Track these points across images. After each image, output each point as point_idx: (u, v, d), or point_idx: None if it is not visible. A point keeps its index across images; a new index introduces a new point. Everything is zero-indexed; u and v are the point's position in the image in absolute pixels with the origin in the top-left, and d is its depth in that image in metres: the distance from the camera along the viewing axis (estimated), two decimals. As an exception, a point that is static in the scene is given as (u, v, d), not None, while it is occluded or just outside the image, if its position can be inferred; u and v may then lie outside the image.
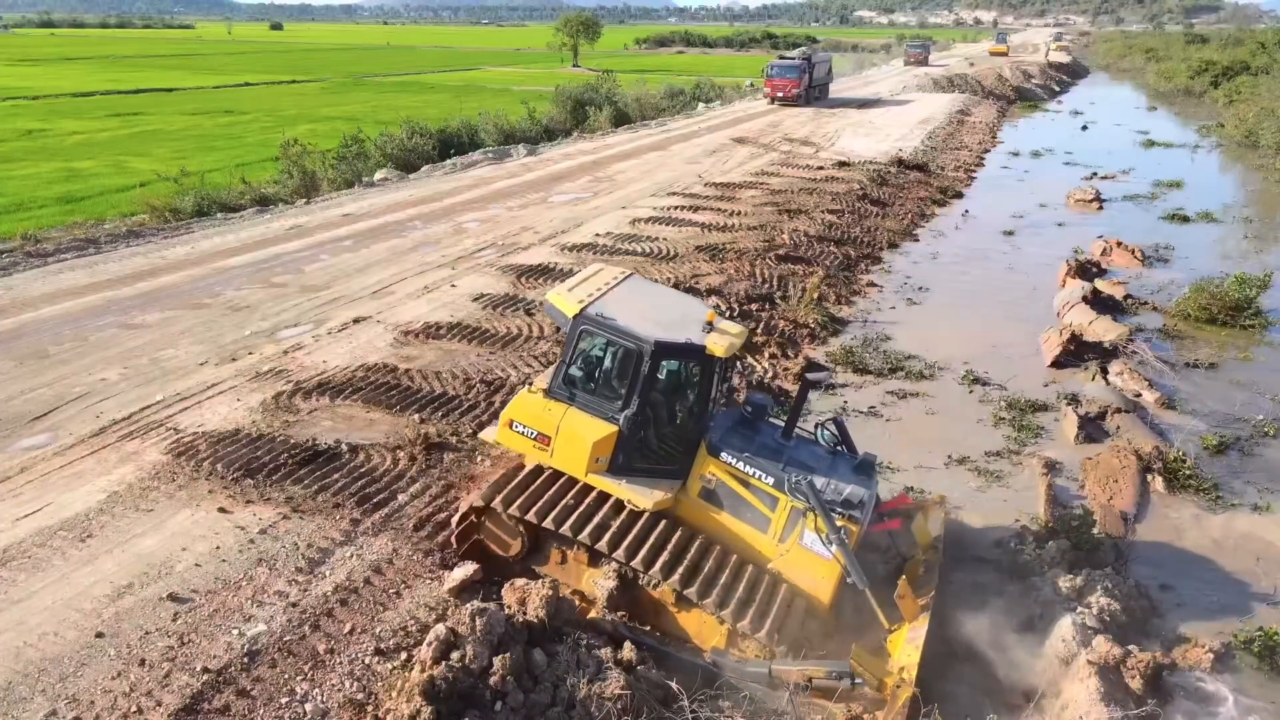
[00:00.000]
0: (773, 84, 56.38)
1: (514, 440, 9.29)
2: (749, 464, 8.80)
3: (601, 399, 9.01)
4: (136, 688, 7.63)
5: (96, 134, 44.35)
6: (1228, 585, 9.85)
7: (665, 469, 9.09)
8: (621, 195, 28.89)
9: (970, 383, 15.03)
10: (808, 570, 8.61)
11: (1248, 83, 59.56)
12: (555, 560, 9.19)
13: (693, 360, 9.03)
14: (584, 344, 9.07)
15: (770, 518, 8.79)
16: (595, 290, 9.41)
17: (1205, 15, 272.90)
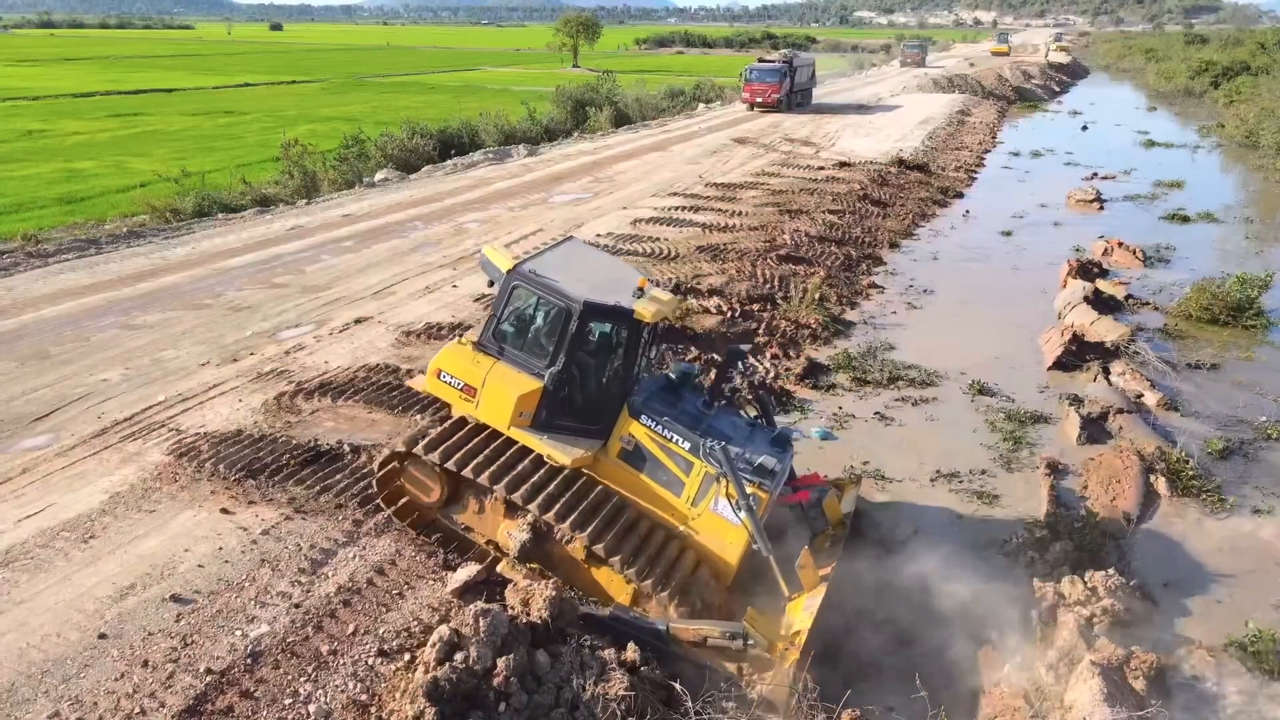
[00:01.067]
0: (751, 89, 53.18)
1: (441, 389, 9.42)
2: (668, 428, 9.02)
3: (529, 355, 9.19)
4: (139, 689, 7.63)
5: (97, 134, 44.35)
6: (1230, 586, 9.85)
7: (587, 429, 9.24)
8: (622, 196, 28.89)
9: (975, 392, 14.69)
10: (717, 535, 8.95)
11: (1248, 83, 59.55)
12: (472, 509, 9.44)
13: (620, 324, 9.19)
14: (515, 300, 9.24)
15: (685, 482, 9.04)
16: (532, 248, 9.70)
17: (1205, 15, 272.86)
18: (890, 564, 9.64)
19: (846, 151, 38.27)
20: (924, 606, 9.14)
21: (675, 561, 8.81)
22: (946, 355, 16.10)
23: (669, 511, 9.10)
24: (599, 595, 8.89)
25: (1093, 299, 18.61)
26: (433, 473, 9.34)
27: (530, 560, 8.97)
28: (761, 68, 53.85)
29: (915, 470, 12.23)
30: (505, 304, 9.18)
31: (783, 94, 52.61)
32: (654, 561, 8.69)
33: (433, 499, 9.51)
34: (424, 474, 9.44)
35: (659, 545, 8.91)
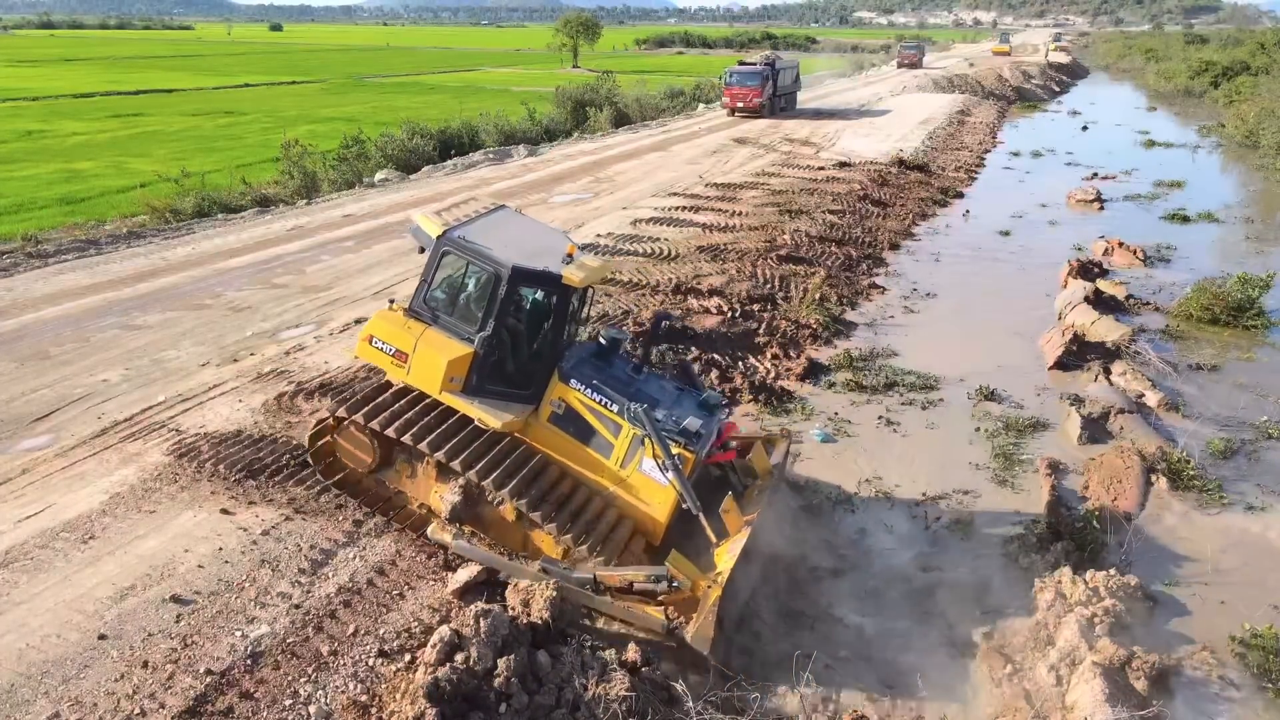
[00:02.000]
0: (731, 93, 50.24)
1: (373, 355, 9.55)
2: (596, 392, 9.27)
3: (459, 320, 9.36)
4: (139, 690, 7.61)
5: (97, 135, 44.34)
6: (1232, 586, 9.83)
7: (518, 393, 9.46)
8: (622, 196, 28.88)
9: (981, 398, 14.39)
10: (645, 495, 9.24)
11: (1248, 83, 59.54)
12: (404, 474, 9.71)
13: (549, 289, 9.35)
14: (446, 266, 9.40)
15: (613, 444, 9.30)
16: (463, 216, 9.80)
17: (1204, 15, 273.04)
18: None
19: (846, 152, 38.26)
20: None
21: (603, 520, 9.16)
22: (946, 358, 16.04)
23: (599, 472, 9.38)
24: (513, 546, 9.31)
25: (1093, 299, 18.59)
26: (365, 437, 9.56)
27: (461, 522, 9.29)
28: (742, 70, 50.92)
29: (906, 484, 12.19)
30: (435, 270, 9.34)
31: (765, 98, 50.01)
32: (581, 520, 9.02)
33: (365, 464, 9.75)
34: (355, 441, 9.67)
35: (587, 505, 9.23)
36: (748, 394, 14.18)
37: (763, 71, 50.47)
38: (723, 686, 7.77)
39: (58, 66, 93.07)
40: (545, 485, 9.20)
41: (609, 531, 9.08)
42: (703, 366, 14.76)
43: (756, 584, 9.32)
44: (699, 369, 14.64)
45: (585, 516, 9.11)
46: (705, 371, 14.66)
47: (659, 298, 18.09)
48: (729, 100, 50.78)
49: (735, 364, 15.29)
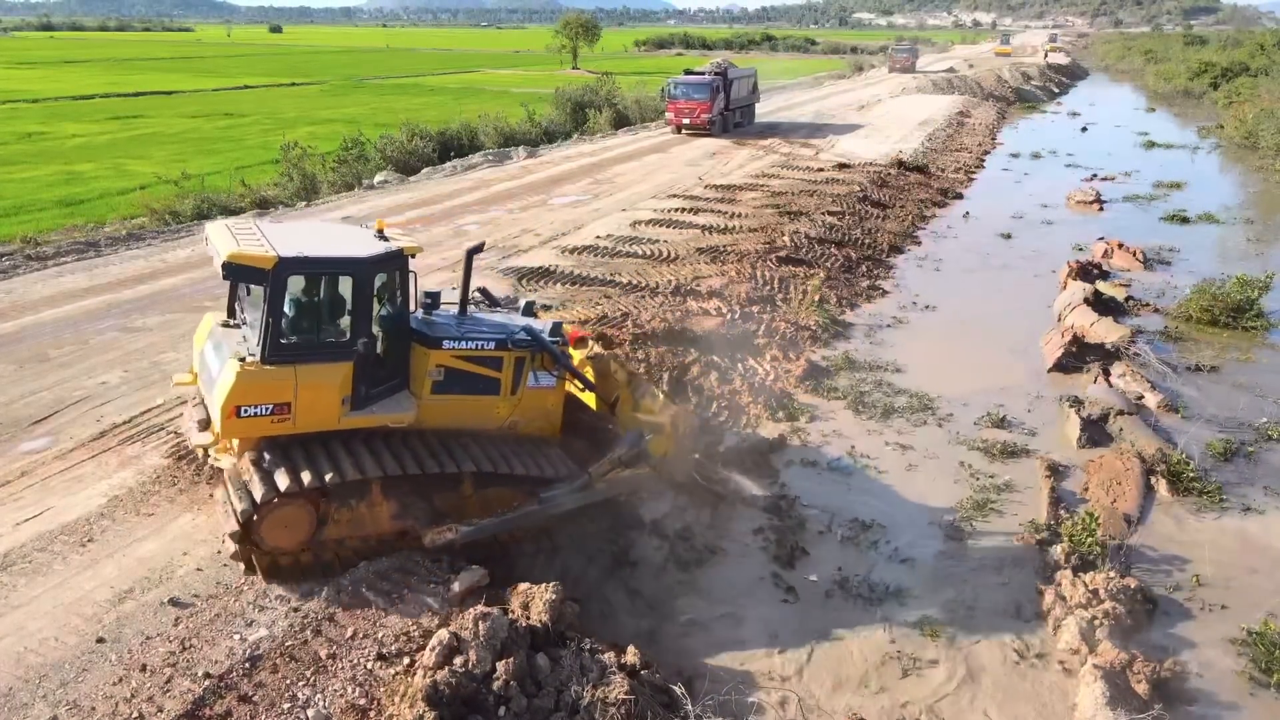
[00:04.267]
0: (675, 107, 43.00)
1: (247, 427, 8.66)
2: (471, 340, 9.58)
3: (327, 339, 8.95)
4: (138, 693, 7.60)
5: (96, 136, 44.33)
6: (1232, 587, 9.82)
7: (392, 383, 9.40)
8: (622, 197, 28.87)
9: (991, 424, 13.65)
10: (540, 404, 10.19)
11: (1247, 84, 59.59)
12: (346, 519, 9.14)
13: (397, 266, 9.20)
14: (290, 292, 8.75)
15: (499, 379, 9.80)
16: (257, 238, 8.99)
17: (1204, 16, 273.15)
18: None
19: (846, 153, 38.26)
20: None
21: (530, 445, 9.96)
22: (944, 371, 15.62)
23: (494, 411, 9.91)
24: (491, 510, 9.53)
25: (1093, 300, 18.58)
26: (296, 508, 8.76)
27: (442, 513, 9.38)
28: (687, 81, 43.43)
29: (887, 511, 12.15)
30: (280, 300, 8.56)
31: (714, 113, 42.82)
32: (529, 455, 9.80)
33: (305, 532, 8.95)
34: (286, 515, 8.77)
35: (519, 446, 9.89)
36: (747, 395, 14.17)
37: (712, 82, 42.93)
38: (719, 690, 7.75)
39: (57, 68, 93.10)
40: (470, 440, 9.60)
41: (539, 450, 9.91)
42: (702, 368, 14.76)
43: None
44: (698, 370, 14.63)
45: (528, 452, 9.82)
46: (705, 373, 14.65)
47: (658, 299, 18.08)
48: (672, 116, 43.43)
49: (734, 366, 15.28)
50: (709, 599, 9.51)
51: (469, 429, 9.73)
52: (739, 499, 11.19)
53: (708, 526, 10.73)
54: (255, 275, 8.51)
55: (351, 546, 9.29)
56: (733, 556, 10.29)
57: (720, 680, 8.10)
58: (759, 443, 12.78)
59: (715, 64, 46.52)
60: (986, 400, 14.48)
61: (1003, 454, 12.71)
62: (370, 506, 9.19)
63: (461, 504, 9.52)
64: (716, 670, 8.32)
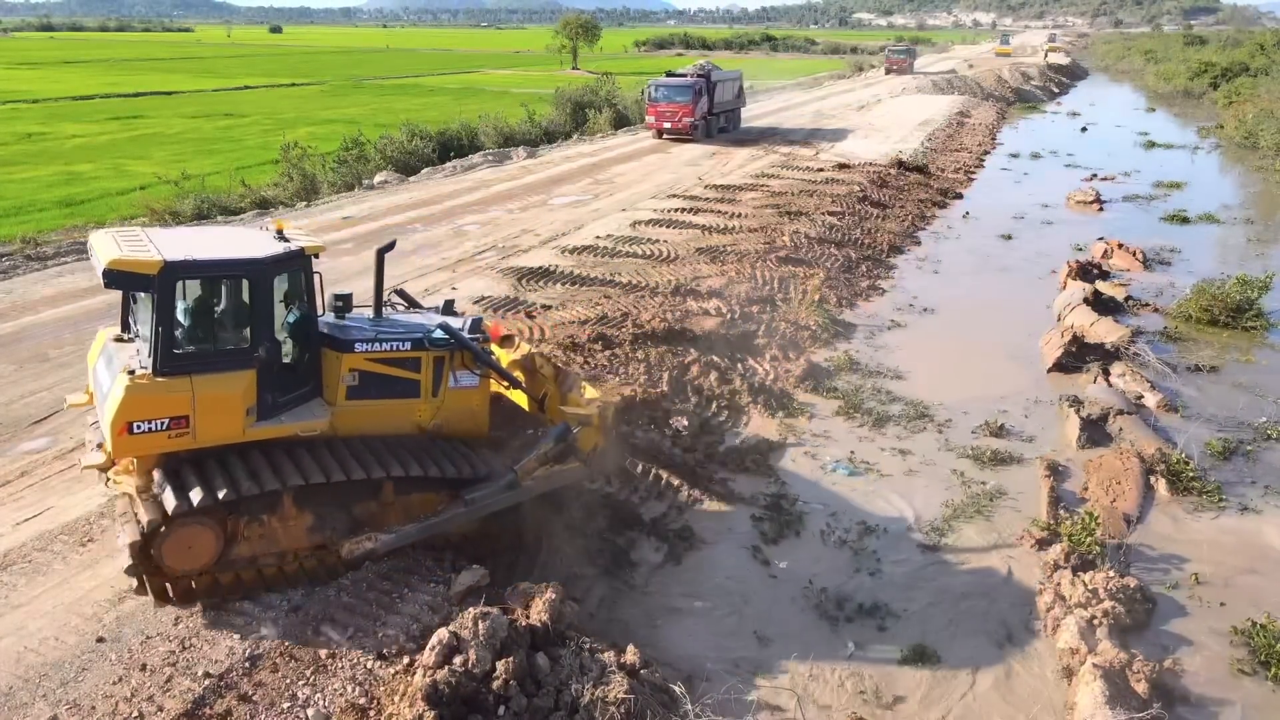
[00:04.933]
0: (656, 111, 41.00)
1: (141, 444, 8.12)
2: (385, 341, 9.16)
3: (226, 347, 8.44)
4: (138, 692, 7.60)
5: (96, 137, 44.35)
6: (1231, 587, 9.83)
7: (303, 390, 8.95)
8: (622, 198, 28.88)
9: (991, 433, 13.42)
10: (464, 404, 9.72)
11: (1247, 84, 59.62)
12: (257, 535, 8.63)
13: (298, 266, 8.77)
14: (184, 299, 8.37)
15: (419, 380, 9.39)
16: (143, 245, 8.39)
17: (1204, 16, 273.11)
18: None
19: (846, 153, 38.27)
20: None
21: (453, 447, 9.55)
22: (943, 375, 15.50)
23: (415, 413, 9.50)
24: (416, 516, 9.24)
25: (1093, 300, 18.59)
26: (200, 527, 8.23)
27: (361, 529, 8.99)
28: (669, 84, 41.30)
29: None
30: (169, 308, 8.06)
31: (697, 117, 41.02)
32: (438, 455, 9.30)
33: (211, 552, 8.38)
34: (189, 535, 8.22)
35: (439, 447, 9.45)
36: (747, 396, 14.18)
37: (694, 84, 40.86)
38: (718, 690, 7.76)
39: (57, 69, 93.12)
40: (406, 448, 9.24)
41: (463, 451, 9.54)
42: (701, 368, 14.76)
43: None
44: (698, 370, 14.64)
45: (448, 454, 9.40)
46: (704, 373, 14.66)
47: (658, 299, 18.08)
48: (653, 120, 41.58)
49: (734, 365, 15.29)
50: (708, 598, 9.51)
51: (391, 434, 9.31)
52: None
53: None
54: (140, 282, 7.99)
55: (267, 564, 8.74)
56: (732, 555, 10.29)
57: (720, 679, 8.11)
58: (758, 443, 12.78)
59: (698, 65, 44.23)
60: (986, 405, 14.40)
61: (993, 461, 12.65)
62: (283, 521, 8.68)
63: (384, 511, 9.11)
64: (716, 669, 8.32)
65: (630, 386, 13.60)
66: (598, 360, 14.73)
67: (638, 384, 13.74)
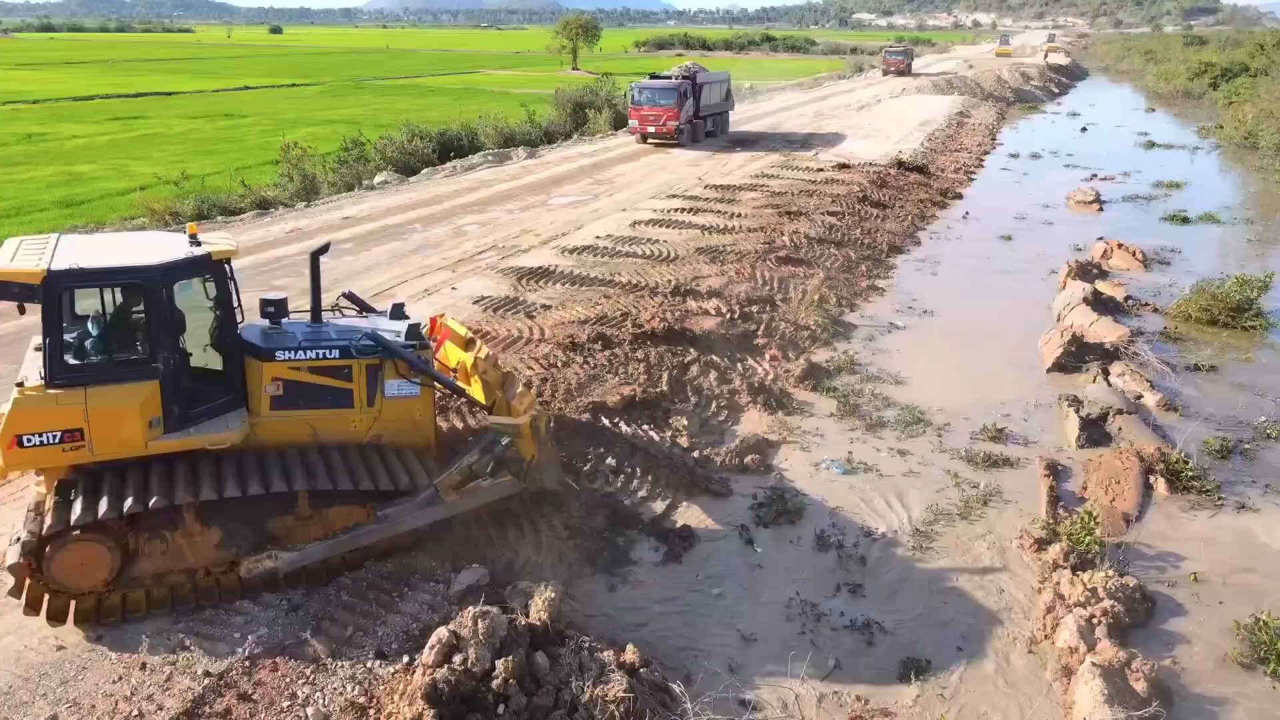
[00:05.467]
0: (639, 114, 39.49)
1: (31, 457, 7.96)
2: (310, 349, 8.78)
3: (123, 357, 8.20)
4: (138, 691, 7.62)
5: (96, 137, 44.36)
6: (1229, 586, 9.83)
7: (224, 400, 8.71)
8: (622, 198, 28.90)
9: (990, 436, 13.24)
10: (405, 415, 9.22)
11: (1247, 84, 59.65)
12: (160, 551, 8.42)
13: (204, 273, 8.48)
14: (83, 308, 8.29)
15: (351, 389, 9.02)
16: (41, 253, 8.15)
17: (1204, 17, 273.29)
18: None
19: (845, 153, 38.28)
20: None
21: (389, 460, 9.16)
22: (941, 378, 15.34)
23: (350, 424, 9.11)
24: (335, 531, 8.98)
25: (1092, 300, 18.60)
26: (94, 544, 8.02)
27: (263, 547, 8.59)
28: (653, 86, 39.57)
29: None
30: (59, 318, 7.89)
31: (682, 121, 39.44)
32: (375, 470, 8.94)
33: (106, 571, 8.16)
34: (82, 552, 8.02)
35: (364, 455, 9.11)
36: (746, 395, 14.19)
37: (680, 87, 39.22)
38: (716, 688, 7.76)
39: (58, 69, 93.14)
40: (322, 460, 8.92)
41: (402, 464, 9.20)
42: (701, 368, 14.77)
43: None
44: (697, 371, 14.64)
45: (369, 465, 9.00)
46: (704, 373, 14.66)
47: (658, 299, 18.09)
48: (636, 124, 40.08)
49: (734, 366, 15.30)
50: (709, 597, 9.52)
51: (327, 440, 9.00)
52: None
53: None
54: (25, 293, 7.73)
55: (178, 581, 8.56)
56: (732, 555, 10.30)
57: (719, 678, 8.11)
58: (757, 442, 12.79)
59: (684, 67, 42.47)
60: (985, 407, 14.31)
61: (991, 463, 12.62)
62: (188, 537, 8.43)
63: (300, 526, 8.74)
64: (715, 668, 8.33)
65: (630, 386, 13.63)
66: (598, 360, 14.74)
67: (637, 384, 13.75)
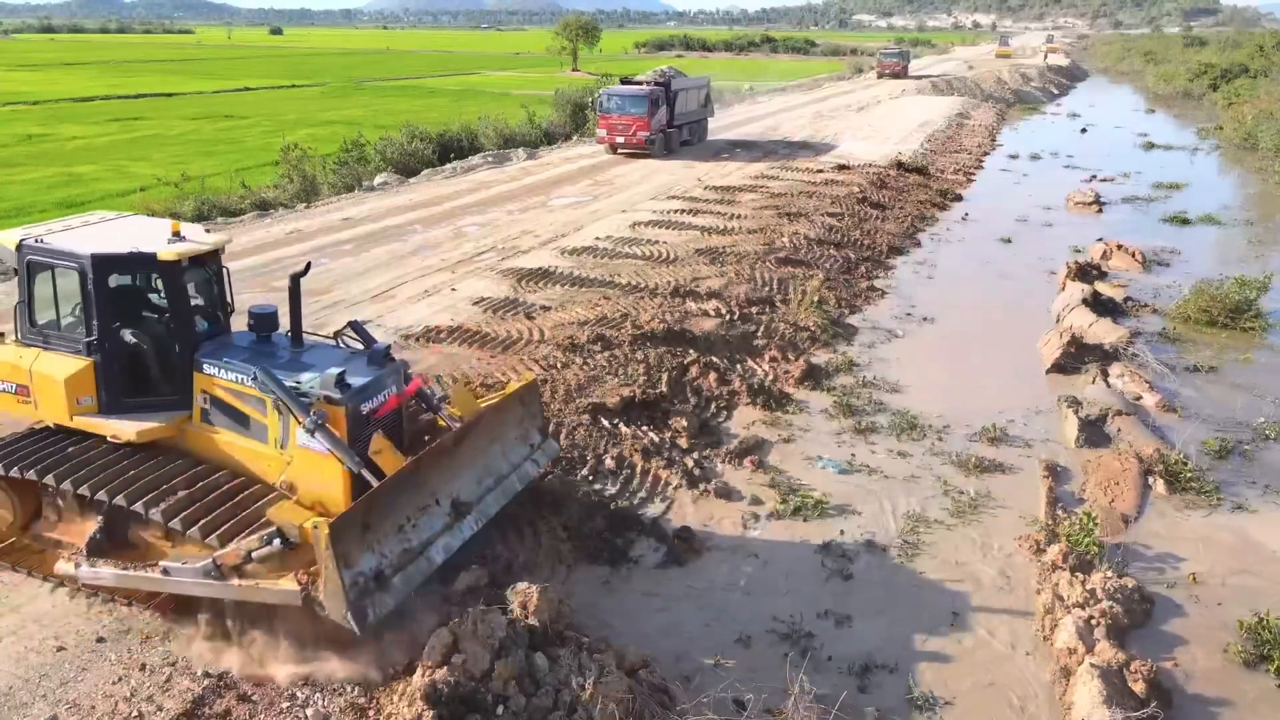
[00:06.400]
0: (608, 123, 36.86)
1: (2, 401, 8.89)
2: (229, 369, 8.37)
3: (70, 333, 8.66)
4: (138, 692, 7.63)
5: (96, 139, 44.39)
6: (1228, 587, 9.83)
7: (165, 399, 8.70)
8: (621, 199, 28.92)
9: (989, 438, 13.17)
10: (315, 472, 8.03)
11: (1246, 85, 59.67)
12: (52, 519, 8.84)
13: (145, 270, 8.70)
14: (39, 277, 8.70)
15: (265, 424, 8.32)
16: (63, 226, 9.13)
17: (1204, 18, 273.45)
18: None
19: (845, 154, 38.30)
20: None
21: (253, 515, 8.09)
22: (940, 384, 15.20)
23: (263, 463, 8.41)
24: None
25: (1091, 301, 18.61)
26: (4, 490, 8.75)
27: (104, 554, 8.29)
28: (622, 93, 36.97)
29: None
30: (28, 284, 8.66)
31: (654, 131, 36.68)
32: (230, 521, 7.96)
33: (6, 520, 8.89)
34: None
35: (240, 503, 8.22)
36: (746, 396, 14.20)
37: (651, 94, 36.58)
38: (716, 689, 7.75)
39: (58, 71, 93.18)
40: (199, 493, 8.22)
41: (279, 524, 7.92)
42: (700, 369, 14.78)
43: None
44: (696, 372, 14.65)
45: (231, 516, 8.05)
46: (704, 374, 14.67)
47: (657, 300, 18.11)
48: (605, 134, 37.32)
49: (734, 367, 15.31)
50: (709, 598, 9.52)
51: (243, 470, 8.55)
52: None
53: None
54: (8, 255, 8.82)
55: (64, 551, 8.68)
56: (732, 555, 10.30)
57: (718, 678, 8.11)
58: (757, 443, 12.80)
59: (658, 72, 40.05)
60: (984, 410, 14.23)
61: (989, 465, 12.63)
62: (63, 516, 8.80)
63: (146, 546, 8.44)
64: (715, 668, 8.33)
65: (629, 387, 13.64)
66: (597, 361, 14.76)
67: (637, 385, 13.77)
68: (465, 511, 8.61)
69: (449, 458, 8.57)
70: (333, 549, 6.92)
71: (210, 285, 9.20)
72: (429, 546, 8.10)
